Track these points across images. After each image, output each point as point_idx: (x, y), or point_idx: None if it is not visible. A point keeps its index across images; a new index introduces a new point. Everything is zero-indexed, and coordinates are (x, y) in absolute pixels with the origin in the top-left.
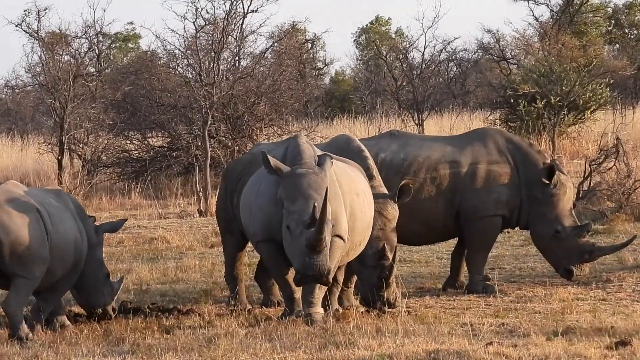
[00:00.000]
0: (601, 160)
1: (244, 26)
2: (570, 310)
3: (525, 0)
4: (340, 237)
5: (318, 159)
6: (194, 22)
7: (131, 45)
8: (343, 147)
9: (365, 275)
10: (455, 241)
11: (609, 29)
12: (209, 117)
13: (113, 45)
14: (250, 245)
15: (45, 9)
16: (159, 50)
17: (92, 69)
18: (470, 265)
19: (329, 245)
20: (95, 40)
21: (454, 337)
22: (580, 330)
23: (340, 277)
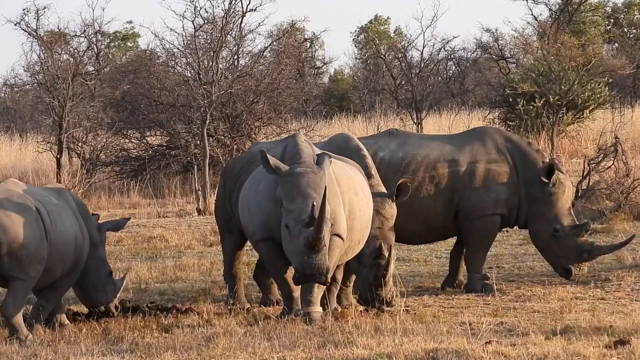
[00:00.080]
0: (600, 159)
1: (242, 25)
2: (569, 310)
3: (524, 0)
4: (339, 236)
5: (317, 158)
6: (192, 21)
7: (130, 44)
8: (342, 146)
9: (363, 274)
10: (454, 240)
11: (608, 28)
12: (208, 116)
13: (112, 44)
14: (249, 244)
15: (44, 8)
16: (157, 49)
17: (91, 68)
18: (469, 264)
19: (327, 244)
20: (94, 39)
21: (452, 336)
22: (579, 329)
23: (339, 276)
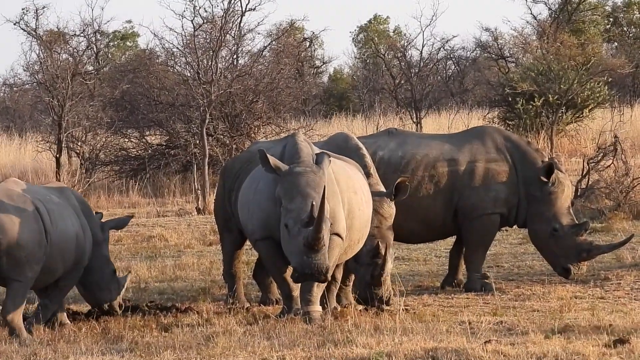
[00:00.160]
0: (599, 158)
1: (242, 24)
2: (568, 309)
3: None
4: (338, 235)
5: (316, 157)
6: (192, 21)
7: (129, 44)
8: (341, 145)
9: (361, 273)
10: (453, 239)
11: (607, 27)
12: (207, 115)
13: (111, 43)
14: (248, 243)
15: (43, 7)
16: (157, 49)
17: (90, 67)
18: (469, 264)
19: (327, 244)
20: (93, 39)
21: (452, 335)
22: (578, 329)
23: (339, 275)
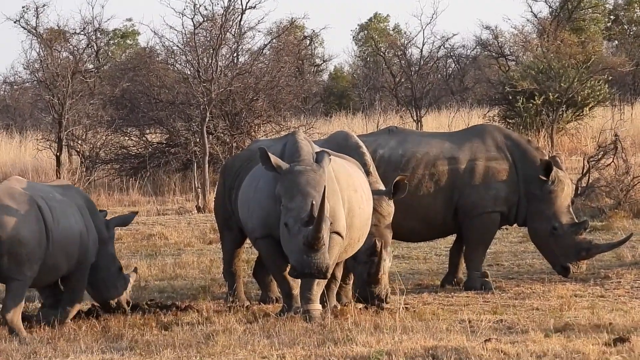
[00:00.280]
0: (600, 156)
1: (242, 23)
2: (568, 307)
3: None
4: (338, 233)
5: (316, 156)
6: (192, 19)
7: (129, 42)
8: (341, 144)
9: (358, 270)
10: (453, 238)
11: (608, 25)
12: (207, 114)
13: (111, 41)
14: (248, 241)
15: (43, 6)
16: (157, 47)
17: (90, 66)
18: (469, 262)
19: (327, 243)
20: (93, 37)
21: (452, 334)
22: (578, 327)
23: (339, 274)
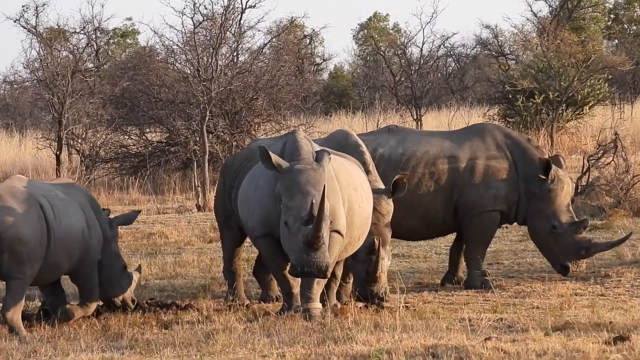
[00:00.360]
0: (599, 155)
1: (242, 22)
2: (568, 306)
3: None
4: (338, 232)
5: (316, 155)
6: (192, 18)
7: (129, 41)
8: (341, 142)
9: (357, 269)
10: (453, 236)
11: (608, 25)
12: (207, 113)
13: (111, 40)
14: (248, 240)
15: (43, 5)
16: (157, 46)
17: (90, 65)
18: (469, 261)
19: (327, 242)
20: (93, 36)
21: (452, 333)
22: (578, 326)
23: (339, 272)
